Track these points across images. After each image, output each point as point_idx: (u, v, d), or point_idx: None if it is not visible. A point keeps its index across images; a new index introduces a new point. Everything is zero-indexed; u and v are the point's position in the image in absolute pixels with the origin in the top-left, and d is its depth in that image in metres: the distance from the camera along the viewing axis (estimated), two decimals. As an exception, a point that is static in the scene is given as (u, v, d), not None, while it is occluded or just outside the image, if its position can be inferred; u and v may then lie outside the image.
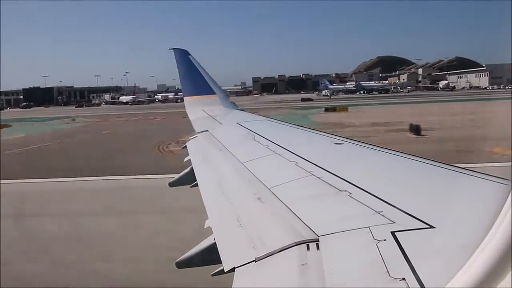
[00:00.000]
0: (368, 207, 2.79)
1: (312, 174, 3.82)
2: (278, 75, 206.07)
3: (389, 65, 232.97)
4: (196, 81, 12.28)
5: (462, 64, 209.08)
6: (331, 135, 6.28)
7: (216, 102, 11.67)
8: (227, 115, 10.44)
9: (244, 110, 12.51)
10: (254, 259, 2.45)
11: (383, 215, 2.60)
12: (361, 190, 3.15)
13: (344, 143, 5.47)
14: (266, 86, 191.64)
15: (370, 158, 4.74)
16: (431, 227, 2.36)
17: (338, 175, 3.62)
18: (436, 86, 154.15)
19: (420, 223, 2.42)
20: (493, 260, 1.34)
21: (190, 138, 8.44)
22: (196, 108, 11.38)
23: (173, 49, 12.66)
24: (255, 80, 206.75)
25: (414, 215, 2.53)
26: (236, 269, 2.42)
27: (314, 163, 4.17)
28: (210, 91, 12.01)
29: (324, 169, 3.88)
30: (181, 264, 3.31)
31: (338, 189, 3.28)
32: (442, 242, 2.26)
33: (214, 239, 3.03)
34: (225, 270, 2.50)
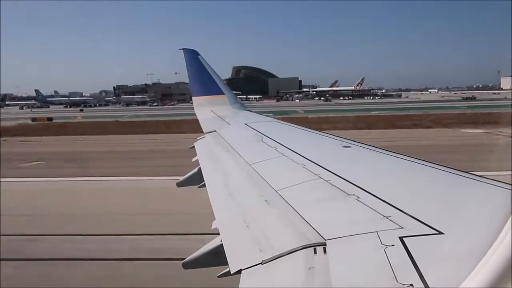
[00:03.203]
0: (376, 211, 2.78)
1: (320, 177, 3.81)
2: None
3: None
4: (205, 81, 12.32)
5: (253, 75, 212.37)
6: (339, 138, 6.25)
7: (225, 102, 11.70)
8: (235, 116, 10.45)
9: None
10: (261, 261, 2.46)
11: (391, 220, 2.59)
12: (369, 194, 3.13)
13: (353, 146, 5.44)
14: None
15: (378, 162, 4.71)
16: (440, 233, 2.34)
17: (346, 179, 3.60)
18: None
19: (429, 228, 2.40)
20: (499, 268, 1.33)
21: (198, 138, 8.48)
22: (204, 108, 11.42)
23: (182, 49, 12.73)
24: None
25: (422, 221, 2.51)
26: (242, 271, 2.42)
27: (322, 166, 4.16)
28: (218, 91, 12.05)
29: (332, 172, 3.86)
30: (188, 265, 3.33)
31: (346, 193, 3.27)
32: (451, 248, 2.24)
33: (221, 241, 3.04)
34: (232, 272, 2.51)
